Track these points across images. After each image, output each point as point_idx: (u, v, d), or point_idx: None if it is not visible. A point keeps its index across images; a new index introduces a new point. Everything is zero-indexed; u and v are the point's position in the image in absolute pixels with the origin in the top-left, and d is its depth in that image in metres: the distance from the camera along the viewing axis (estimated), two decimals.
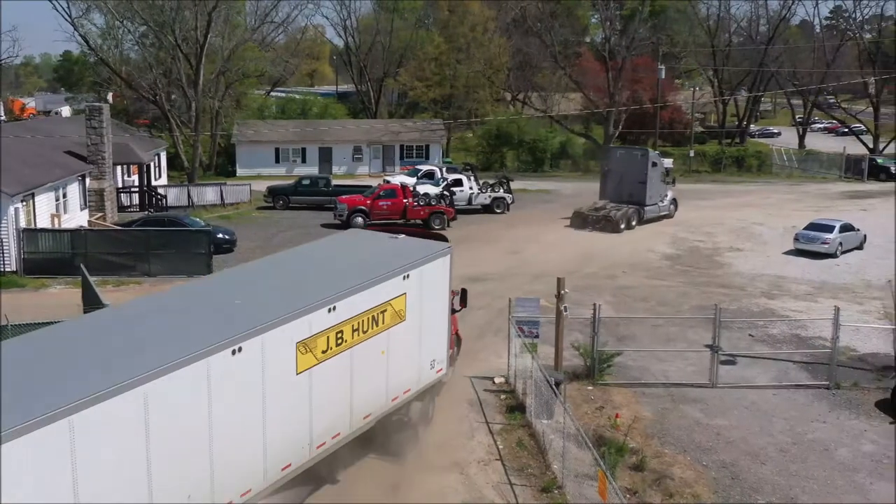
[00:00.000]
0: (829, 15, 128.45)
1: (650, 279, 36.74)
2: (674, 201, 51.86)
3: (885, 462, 20.00)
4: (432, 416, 20.57)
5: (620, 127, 78.04)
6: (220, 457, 13.67)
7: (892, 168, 72.06)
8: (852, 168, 73.94)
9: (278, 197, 54.18)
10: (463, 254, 30.15)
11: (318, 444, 16.18)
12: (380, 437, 18.36)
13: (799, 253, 41.42)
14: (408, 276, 18.28)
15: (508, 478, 18.62)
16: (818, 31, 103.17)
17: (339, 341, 16.37)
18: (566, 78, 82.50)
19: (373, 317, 17.25)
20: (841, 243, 41.55)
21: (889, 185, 66.67)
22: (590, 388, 23.91)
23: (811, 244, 41.17)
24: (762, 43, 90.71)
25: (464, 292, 23.06)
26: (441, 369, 20.29)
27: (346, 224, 44.44)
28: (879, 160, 75.06)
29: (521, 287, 31.58)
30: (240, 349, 13.74)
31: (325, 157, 72.90)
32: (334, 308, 16.04)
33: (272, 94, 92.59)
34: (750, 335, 28.95)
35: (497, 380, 24.31)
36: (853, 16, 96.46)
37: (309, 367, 15.58)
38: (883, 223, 47.58)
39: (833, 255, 40.90)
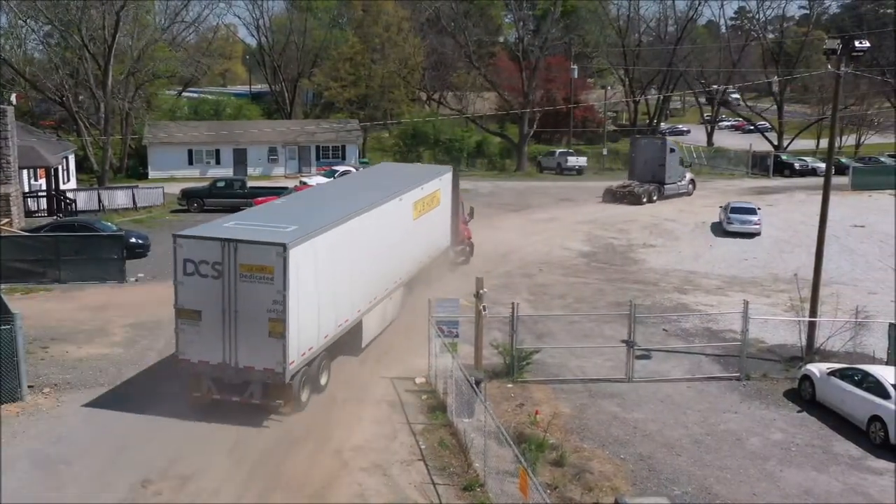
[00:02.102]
0: (734, 15, 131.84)
1: (566, 276, 37.26)
2: (692, 181, 60.79)
3: (794, 450, 20.75)
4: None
5: (535, 126, 78.85)
6: (400, 254, 27.82)
7: (797, 164, 74.50)
8: (758, 165, 76.11)
9: (193, 199, 53.07)
10: None
11: (418, 263, 30.12)
12: (422, 276, 30.72)
13: (730, 234, 45.36)
14: (440, 179, 32.91)
15: (431, 477, 18.74)
16: (724, 31, 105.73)
17: (423, 208, 30.22)
18: (481, 77, 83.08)
19: (431, 198, 31.30)
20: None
21: (793, 181, 68.93)
22: (509, 385, 24.18)
23: (746, 226, 45.93)
24: (671, 43, 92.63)
25: (472, 209, 39.26)
26: (448, 242, 34.55)
27: None
28: (784, 157, 77.49)
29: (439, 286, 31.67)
30: (401, 199, 28.08)
31: (240, 158, 71.83)
32: (422, 188, 30.43)
33: (184, 94, 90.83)
34: (664, 330, 29.61)
35: (418, 380, 24.38)
36: (757, 16, 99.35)
37: (415, 218, 29.49)
38: (788, 217, 49.11)
39: (759, 234, 45.22)
